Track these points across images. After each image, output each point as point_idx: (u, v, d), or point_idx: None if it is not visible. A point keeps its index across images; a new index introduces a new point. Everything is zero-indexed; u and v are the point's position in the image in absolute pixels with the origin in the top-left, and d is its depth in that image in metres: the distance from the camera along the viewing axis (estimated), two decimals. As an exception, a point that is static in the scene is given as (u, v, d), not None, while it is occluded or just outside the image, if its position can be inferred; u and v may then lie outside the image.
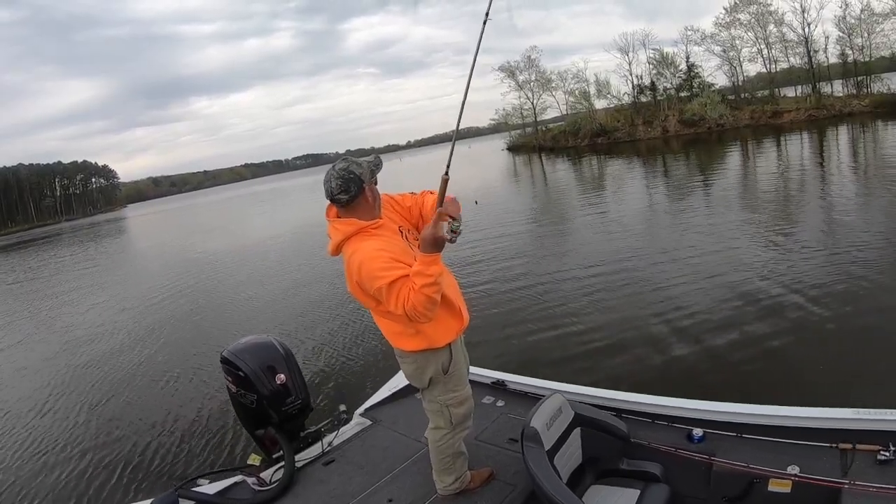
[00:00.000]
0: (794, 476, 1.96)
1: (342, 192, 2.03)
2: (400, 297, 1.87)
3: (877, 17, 30.94)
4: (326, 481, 2.63)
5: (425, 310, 1.87)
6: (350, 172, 2.03)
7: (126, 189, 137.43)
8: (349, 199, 2.04)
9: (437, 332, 2.12)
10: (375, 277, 1.90)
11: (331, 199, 2.08)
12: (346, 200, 2.04)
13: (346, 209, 2.07)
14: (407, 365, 2.22)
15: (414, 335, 2.10)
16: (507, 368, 3.40)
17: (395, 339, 2.17)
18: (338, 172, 2.04)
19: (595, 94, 41.58)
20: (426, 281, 1.85)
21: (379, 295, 1.93)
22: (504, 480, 2.40)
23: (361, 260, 1.94)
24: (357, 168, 2.04)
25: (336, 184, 2.03)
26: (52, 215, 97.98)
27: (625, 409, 2.58)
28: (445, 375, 2.20)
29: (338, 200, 2.05)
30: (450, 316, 2.16)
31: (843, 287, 5.75)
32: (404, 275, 1.89)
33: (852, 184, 11.91)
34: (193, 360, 7.06)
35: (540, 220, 14.09)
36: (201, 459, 4.48)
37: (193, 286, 12.27)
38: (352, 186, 2.03)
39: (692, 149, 26.72)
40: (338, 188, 2.03)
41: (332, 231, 2.10)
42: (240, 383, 2.81)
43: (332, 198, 2.06)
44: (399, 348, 2.18)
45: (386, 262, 1.92)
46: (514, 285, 7.84)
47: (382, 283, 1.89)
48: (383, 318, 2.13)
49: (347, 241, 2.04)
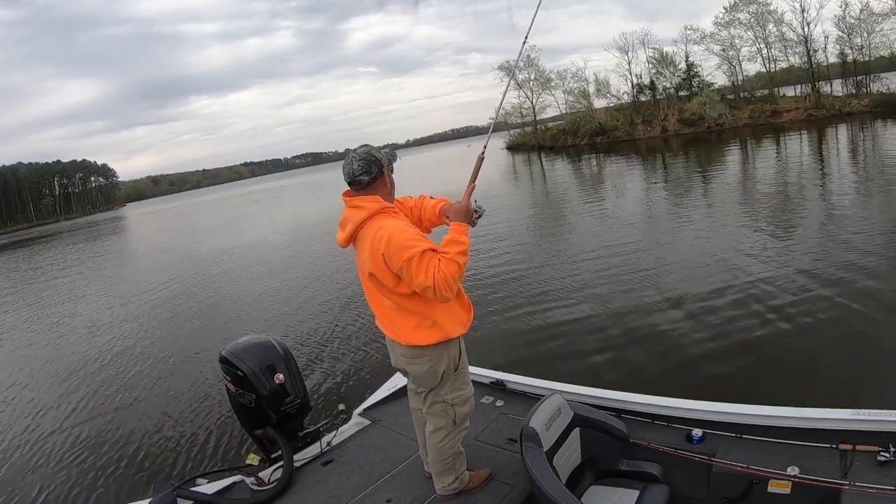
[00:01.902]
0: (794, 477, 1.96)
1: (364, 172, 2.07)
2: (430, 267, 1.92)
3: (876, 17, 31.03)
4: (325, 481, 2.62)
5: (454, 281, 1.93)
6: (371, 155, 2.09)
7: (125, 188, 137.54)
8: (370, 181, 2.08)
9: (450, 322, 2.13)
10: (406, 247, 1.93)
11: (351, 181, 2.10)
12: (367, 181, 2.08)
13: (365, 191, 2.10)
14: (420, 364, 2.17)
15: (430, 327, 2.10)
16: (506, 368, 3.39)
17: (410, 336, 2.13)
18: (359, 154, 2.08)
19: (594, 93, 41.74)
20: (460, 248, 1.98)
21: (406, 268, 1.93)
22: (503, 481, 2.39)
23: (391, 233, 1.97)
24: (377, 153, 2.11)
25: (358, 165, 2.07)
26: (51, 214, 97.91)
27: (624, 410, 2.58)
28: (455, 373, 2.21)
29: (359, 181, 2.08)
30: (460, 307, 2.18)
31: (844, 287, 5.75)
32: (433, 248, 1.96)
33: (851, 184, 11.92)
34: (192, 359, 7.05)
35: (538, 218, 14.09)
36: (200, 459, 4.48)
37: (192, 285, 12.26)
38: (373, 168, 2.07)
39: (691, 148, 26.74)
40: (360, 169, 2.07)
41: (354, 211, 2.09)
42: (238, 383, 2.81)
43: (354, 178, 2.08)
44: (414, 346, 2.13)
45: (415, 235, 2.00)
46: (513, 284, 7.84)
47: (414, 251, 1.92)
48: (398, 311, 2.11)
49: (371, 218, 2.05)
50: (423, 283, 1.91)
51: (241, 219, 30.07)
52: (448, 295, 1.94)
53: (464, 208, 2.11)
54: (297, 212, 27.96)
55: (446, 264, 1.93)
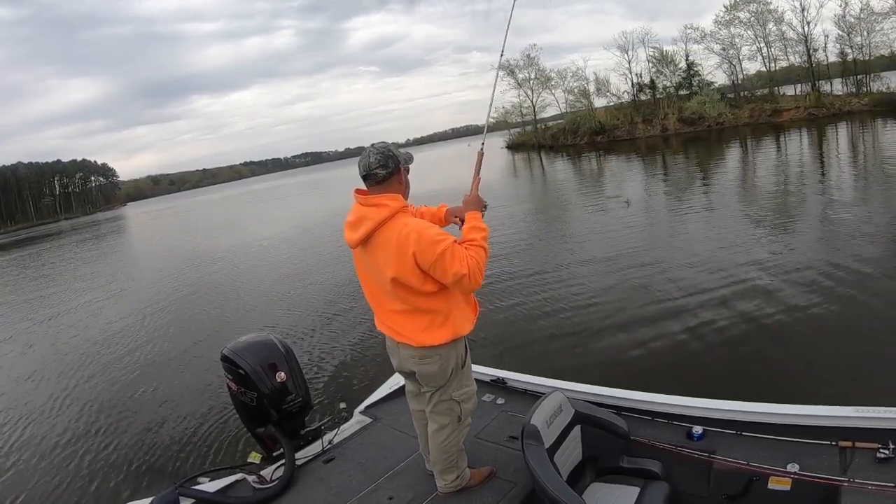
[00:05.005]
0: (794, 474, 1.97)
1: (381, 165, 2.06)
2: (463, 256, 1.97)
3: (876, 16, 31.00)
4: (327, 479, 2.63)
5: (484, 266, 2.03)
6: (389, 150, 2.10)
7: (125, 187, 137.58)
8: (387, 175, 2.07)
9: (460, 319, 2.15)
10: (436, 242, 1.95)
11: (367, 174, 2.08)
12: (383, 176, 2.07)
13: (381, 186, 2.08)
14: (431, 364, 2.16)
15: (442, 325, 2.10)
16: (506, 366, 3.40)
17: (422, 336, 2.11)
18: (377, 149, 2.09)
19: (594, 92, 41.67)
20: (483, 234, 2.10)
21: (440, 260, 1.95)
22: (504, 478, 2.40)
23: (418, 230, 1.98)
24: (395, 149, 2.13)
25: (375, 158, 2.06)
26: (51, 214, 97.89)
27: (625, 407, 2.58)
28: (462, 370, 2.23)
29: (375, 175, 2.06)
30: (466, 303, 2.20)
31: (844, 284, 5.76)
32: (456, 241, 2.02)
33: (852, 182, 11.93)
34: (193, 358, 7.06)
35: (539, 217, 14.09)
36: (202, 457, 4.48)
37: (193, 284, 12.26)
38: (390, 162, 2.07)
39: (691, 147, 26.72)
40: (377, 162, 2.06)
41: (373, 209, 2.04)
42: (240, 381, 2.81)
43: (370, 171, 2.07)
44: (426, 346, 2.12)
45: (440, 230, 2.05)
46: (513, 283, 7.84)
47: (446, 244, 1.96)
48: (407, 314, 2.10)
49: (393, 217, 2.03)
50: (458, 271, 1.94)
51: (243, 218, 30.07)
52: (480, 280, 2.00)
53: (475, 198, 2.25)
54: (297, 211, 27.96)
55: (475, 251, 2.02)
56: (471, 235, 2.10)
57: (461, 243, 2.05)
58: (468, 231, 2.13)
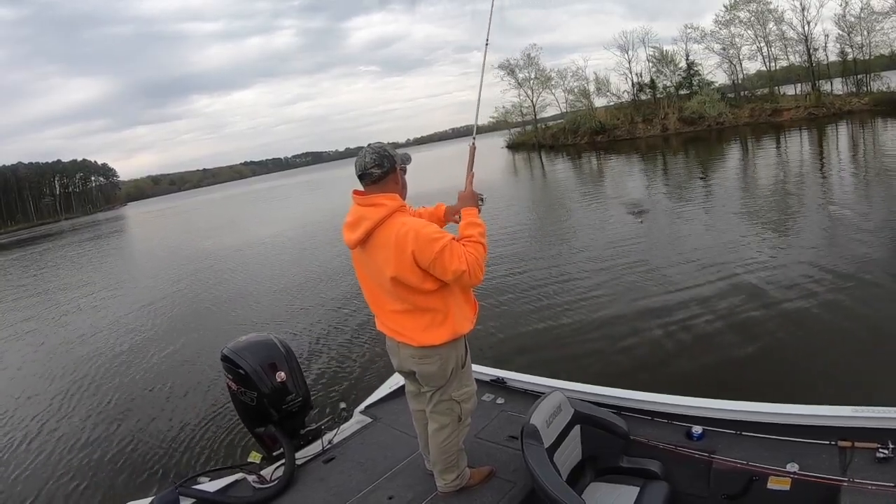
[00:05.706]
0: (794, 473, 1.97)
1: (376, 165, 2.07)
2: (461, 253, 1.99)
3: (876, 16, 30.96)
4: (327, 479, 2.63)
5: (483, 261, 2.04)
6: (384, 150, 2.11)
7: (126, 187, 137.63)
8: (382, 175, 2.08)
9: (459, 318, 2.14)
10: (434, 240, 1.96)
11: (362, 173, 2.09)
12: (378, 175, 2.07)
13: (377, 186, 2.09)
14: (431, 364, 2.16)
15: (442, 324, 2.10)
16: (506, 366, 3.40)
17: (422, 336, 2.12)
18: (372, 149, 2.10)
19: (595, 91, 41.63)
20: (480, 230, 2.11)
21: (439, 258, 1.96)
22: (504, 478, 2.40)
23: (416, 228, 1.99)
24: (391, 149, 2.14)
25: (371, 158, 2.07)
26: (51, 214, 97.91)
27: (624, 407, 2.58)
28: (462, 369, 2.23)
29: (370, 174, 2.07)
30: (466, 302, 2.19)
31: (843, 284, 5.75)
32: (454, 238, 2.03)
33: (852, 182, 11.92)
34: (193, 358, 7.06)
35: (539, 216, 14.08)
36: (202, 457, 4.49)
37: (193, 284, 12.26)
38: (385, 162, 2.08)
39: (692, 146, 26.71)
40: (372, 162, 2.07)
41: (371, 209, 2.05)
42: (240, 381, 2.81)
43: (365, 171, 2.08)
44: (426, 346, 2.12)
45: (437, 228, 2.06)
46: (513, 282, 7.85)
47: (444, 241, 1.97)
48: (408, 313, 2.11)
49: (391, 217, 2.04)
50: (458, 268, 1.96)
51: (243, 217, 30.06)
52: (481, 276, 2.03)
53: (470, 194, 2.26)
54: (297, 211, 27.95)
55: (473, 247, 2.04)
56: (468, 232, 2.12)
57: (459, 240, 2.06)
58: (465, 227, 2.14)
